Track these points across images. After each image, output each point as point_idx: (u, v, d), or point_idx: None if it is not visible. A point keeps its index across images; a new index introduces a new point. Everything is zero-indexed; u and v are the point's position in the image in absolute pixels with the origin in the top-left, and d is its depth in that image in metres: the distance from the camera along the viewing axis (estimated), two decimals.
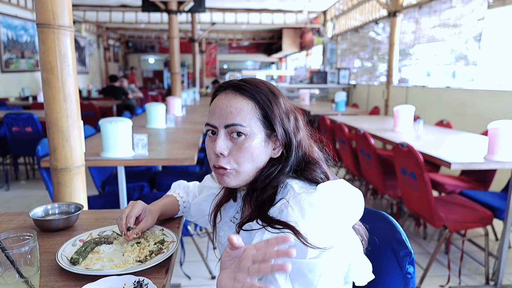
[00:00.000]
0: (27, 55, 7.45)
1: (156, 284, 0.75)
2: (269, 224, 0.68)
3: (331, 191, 0.72)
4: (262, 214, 0.72)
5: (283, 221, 0.67)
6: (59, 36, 1.38)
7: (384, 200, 3.70)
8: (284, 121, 0.77)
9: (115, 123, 1.93)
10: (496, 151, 2.03)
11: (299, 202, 0.69)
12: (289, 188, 0.74)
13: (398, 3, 5.24)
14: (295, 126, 0.80)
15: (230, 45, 15.10)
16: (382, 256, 0.86)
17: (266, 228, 0.68)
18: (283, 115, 0.78)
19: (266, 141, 0.77)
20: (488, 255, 2.29)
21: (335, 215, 0.68)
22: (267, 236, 0.67)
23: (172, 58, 5.24)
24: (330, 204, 0.69)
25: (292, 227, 0.65)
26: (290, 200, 0.70)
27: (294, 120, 0.80)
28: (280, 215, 0.69)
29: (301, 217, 0.66)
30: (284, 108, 0.79)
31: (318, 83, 7.95)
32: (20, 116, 3.94)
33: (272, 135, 0.78)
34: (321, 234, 0.65)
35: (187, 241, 2.68)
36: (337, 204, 0.70)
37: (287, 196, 0.72)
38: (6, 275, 0.70)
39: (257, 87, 0.77)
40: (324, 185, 0.73)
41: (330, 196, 0.71)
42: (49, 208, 1.12)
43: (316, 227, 0.66)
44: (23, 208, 3.54)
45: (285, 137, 0.78)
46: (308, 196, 0.69)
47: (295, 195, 0.71)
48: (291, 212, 0.67)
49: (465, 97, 4.14)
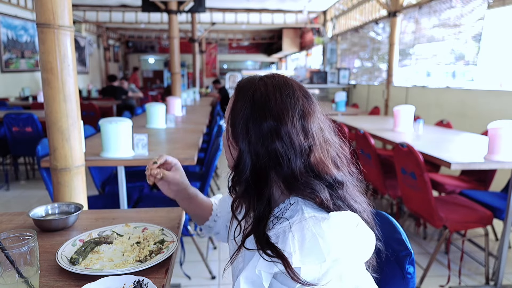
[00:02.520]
0: (27, 55, 7.45)
1: (156, 284, 0.75)
2: (263, 248, 0.65)
3: (341, 223, 0.65)
4: (258, 234, 0.68)
5: (276, 250, 0.63)
6: (59, 36, 1.38)
7: (384, 200, 3.70)
8: (246, 137, 0.71)
9: (115, 123, 1.93)
10: (496, 151, 2.03)
11: (302, 229, 0.63)
12: (299, 209, 0.68)
13: (398, 3, 5.24)
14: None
15: (230, 45, 15.10)
16: (382, 256, 0.86)
17: (259, 253, 0.65)
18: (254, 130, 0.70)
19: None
20: (488, 255, 2.29)
21: (338, 251, 0.62)
22: (262, 262, 0.64)
23: (172, 58, 5.24)
24: (336, 238, 0.62)
25: (284, 258, 0.61)
26: (294, 225, 0.65)
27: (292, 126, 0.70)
28: (280, 238, 0.65)
29: (298, 248, 0.62)
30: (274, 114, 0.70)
31: (318, 83, 7.95)
32: (20, 116, 3.94)
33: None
34: (316, 270, 0.61)
35: (187, 241, 2.68)
36: (344, 239, 0.63)
37: (293, 218, 0.67)
38: (5, 275, 0.70)
39: (245, 95, 0.74)
40: (336, 215, 0.65)
41: (339, 229, 0.64)
42: (49, 208, 1.12)
43: (312, 261, 0.61)
44: (23, 208, 3.53)
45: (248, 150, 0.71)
46: (314, 224, 0.63)
47: (301, 220, 0.65)
48: (290, 240, 0.63)
49: (465, 97, 4.14)
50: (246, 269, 0.66)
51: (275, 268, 0.62)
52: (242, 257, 0.76)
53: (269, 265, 0.63)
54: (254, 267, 0.65)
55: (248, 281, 0.65)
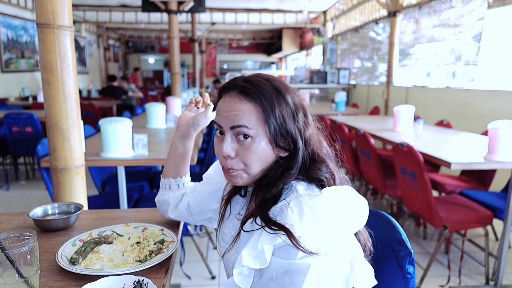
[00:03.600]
0: (27, 55, 7.45)
1: (156, 284, 0.75)
2: (267, 224, 0.68)
3: (335, 196, 0.71)
4: (263, 213, 0.71)
5: (279, 223, 0.67)
6: (59, 36, 1.38)
7: (384, 200, 3.70)
8: (286, 122, 0.75)
9: (115, 123, 1.93)
10: (496, 151, 2.03)
11: (299, 204, 0.68)
12: (294, 189, 0.74)
13: (398, 3, 5.24)
14: (304, 123, 0.78)
15: (230, 45, 15.10)
16: (382, 256, 0.86)
17: (264, 229, 0.68)
18: (288, 115, 0.76)
19: (272, 141, 0.76)
20: (488, 255, 2.29)
21: (335, 221, 0.68)
22: (264, 236, 0.67)
23: (172, 58, 5.24)
24: (332, 210, 0.68)
25: (287, 230, 0.65)
26: (291, 202, 0.69)
27: (303, 117, 0.78)
28: (279, 215, 0.69)
29: (298, 220, 0.66)
30: (292, 106, 0.77)
31: (318, 83, 7.95)
32: (20, 116, 3.94)
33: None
34: (316, 239, 0.65)
35: (187, 241, 2.68)
36: (339, 210, 0.69)
37: (289, 197, 0.72)
38: (6, 275, 0.70)
39: (261, 88, 0.75)
40: (328, 190, 0.72)
41: (333, 201, 0.70)
42: (49, 208, 1.12)
43: (312, 231, 0.65)
44: (23, 208, 3.54)
45: (288, 138, 0.76)
46: (310, 199, 0.69)
47: (297, 197, 0.70)
48: (289, 214, 0.67)
49: (465, 97, 4.14)
50: (247, 246, 0.68)
51: (278, 239, 0.66)
52: (236, 250, 0.78)
53: (272, 237, 0.66)
54: (255, 243, 0.68)
55: (251, 256, 0.67)
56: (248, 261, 0.66)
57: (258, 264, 0.66)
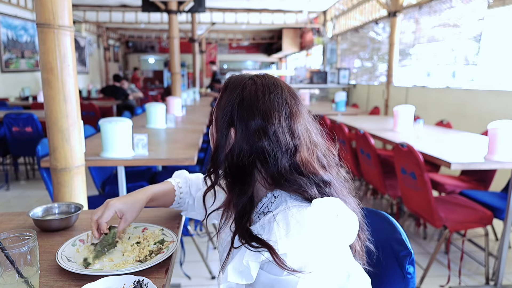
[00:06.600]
0: (27, 55, 7.45)
1: (156, 284, 0.75)
2: (248, 241, 0.66)
3: (324, 209, 0.67)
4: (241, 231, 0.69)
5: (262, 240, 0.64)
6: (59, 36, 1.38)
7: (384, 200, 3.70)
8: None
9: (115, 123, 1.93)
10: (496, 151, 2.03)
11: (286, 218, 0.65)
12: (282, 200, 0.71)
13: (398, 3, 5.24)
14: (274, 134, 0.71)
15: (230, 45, 15.10)
16: (382, 256, 0.86)
17: (245, 246, 0.66)
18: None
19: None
20: (488, 255, 2.29)
21: (323, 235, 0.64)
22: (249, 253, 0.65)
23: (172, 58, 5.24)
24: (320, 223, 0.65)
25: (270, 247, 0.62)
26: (278, 215, 0.66)
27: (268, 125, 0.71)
28: (266, 229, 0.66)
29: (284, 235, 0.63)
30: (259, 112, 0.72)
31: (318, 83, 7.95)
32: (20, 116, 3.94)
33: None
34: (302, 255, 0.63)
35: (187, 241, 2.68)
36: (327, 224, 0.66)
37: (278, 209, 0.69)
38: (6, 275, 0.70)
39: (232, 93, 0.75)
40: (318, 202, 0.68)
41: (322, 215, 0.66)
42: (49, 208, 1.12)
43: (298, 247, 0.63)
44: (23, 208, 3.54)
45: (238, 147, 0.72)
46: (298, 212, 0.65)
47: (285, 209, 0.67)
48: (275, 229, 0.64)
49: (465, 97, 4.14)
50: (233, 260, 0.67)
51: (262, 257, 0.64)
52: (232, 258, 0.77)
53: (256, 255, 0.64)
54: (241, 258, 0.66)
55: (236, 271, 0.66)
56: (233, 277, 0.65)
57: (244, 280, 0.65)
